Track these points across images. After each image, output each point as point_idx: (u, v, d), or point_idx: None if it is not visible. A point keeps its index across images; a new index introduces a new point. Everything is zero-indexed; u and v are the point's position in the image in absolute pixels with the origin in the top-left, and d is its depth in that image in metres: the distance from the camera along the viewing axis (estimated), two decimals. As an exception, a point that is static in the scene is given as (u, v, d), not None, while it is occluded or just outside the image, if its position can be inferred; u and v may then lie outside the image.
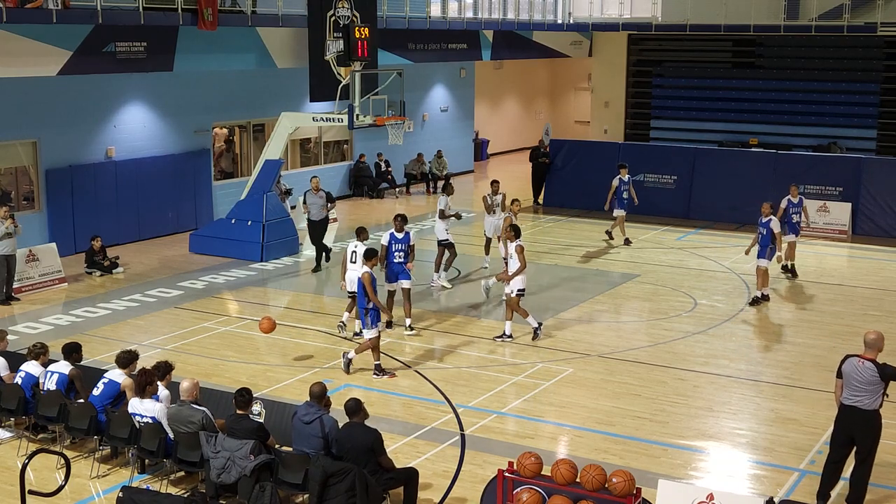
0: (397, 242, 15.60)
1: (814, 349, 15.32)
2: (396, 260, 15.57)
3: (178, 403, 10.28)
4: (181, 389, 10.28)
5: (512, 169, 34.85)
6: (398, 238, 15.61)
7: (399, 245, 15.58)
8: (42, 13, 17.47)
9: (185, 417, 10.06)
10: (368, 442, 9.48)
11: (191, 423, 10.02)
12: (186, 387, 10.25)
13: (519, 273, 14.94)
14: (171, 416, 10.20)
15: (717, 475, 10.97)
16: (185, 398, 10.19)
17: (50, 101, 20.47)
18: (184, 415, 10.08)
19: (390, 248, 15.59)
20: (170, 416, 10.23)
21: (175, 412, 10.19)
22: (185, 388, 10.25)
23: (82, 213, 21.14)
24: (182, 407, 10.16)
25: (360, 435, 9.54)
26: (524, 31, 32.19)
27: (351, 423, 9.67)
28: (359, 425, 9.64)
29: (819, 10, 30.04)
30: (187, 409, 10.10)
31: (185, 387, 10.25)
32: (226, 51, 21.80)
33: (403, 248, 15.61)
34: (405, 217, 15.92)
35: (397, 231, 15.61)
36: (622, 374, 14.04)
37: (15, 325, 16.13)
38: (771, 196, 24.63)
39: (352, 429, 9.62)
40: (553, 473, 8.50)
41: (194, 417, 10.04)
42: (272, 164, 21.20)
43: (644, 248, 22.28)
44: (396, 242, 15.59)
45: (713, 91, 33.69)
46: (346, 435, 9.61)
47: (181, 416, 10.09)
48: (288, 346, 15.25)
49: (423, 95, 31.74)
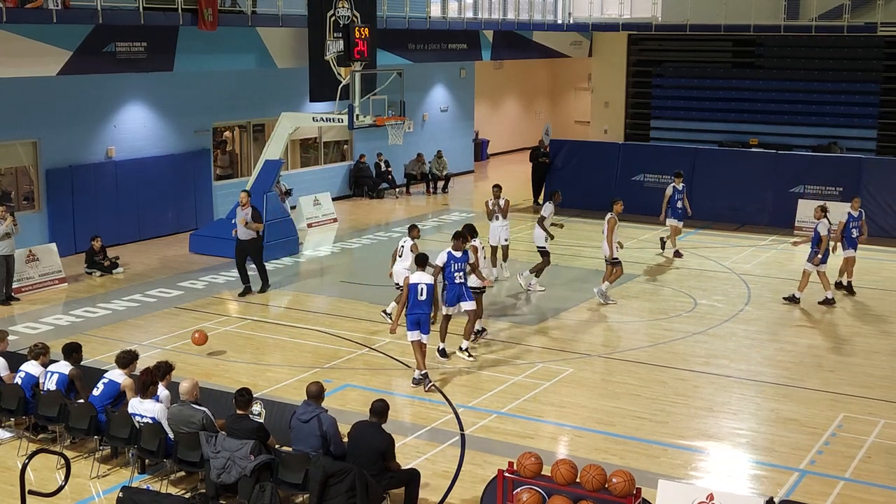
0: (456, 262, 14.22)
1: (814, 349, 15.32)
2: (457, 281, 14.21)
3: (178, 403, 10.27)
4: (181, 390, 10.28)
5: (512, 169, 34.87)
6: (457, 257, 14.24)
7: (458, 265, 14.20)
8: (42, 13, 17.47)
9: (186, 418, 10.06)
10: (381, 446, 9.50)
11: (191, 423, 10.02)
12: (186, 387, 10.25)
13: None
14: (172, 416, 10.20)
15: (717, 475, 10.97)
16: (186, 398, 10.19)
17: (50, 101, 20.47)
18: (184, 415, 10.08)
19: (448, 268, 14.18)
20: (170, 416, 10.23)
21: (176, 412, 10.18)
22: (185, 389, 10.25)
23: (82, 213, 21.13)
24: (183, 407, 10.16)
25: (373, 436, 9.55)
26: (524, 31, 32.19)
27: (368, 423, 9.69)
28: (375, 427, 9.64)
29: (819, 10, 30.04)
30: (188, 410, 10.10)
31: (185, 387, 10.25)
32: (226, 51, 21.80)
33: (463, 268, 14.26)
34: (468, 231, 14.64)
35: (455, 250, 14.23)
36: (622, 374, 14.04)
37: (15, 325, 16.12)
38: (770, 196, 24.82)
39: (367, 429, 9.64)
40: (553, 473, 8.49)
41: (195, 417, 10.04)
42: (272, 165, 21.20)
43: (644, 248, 22.27)
44: (455, 262, 14.21)
45: (713, 91, 33.68)
46: (359, 434, 9.63)
47: (182, 417, 10.09)
48: (288, 346, 15.24)
49: (423, 95, 31.74)
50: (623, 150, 27.27)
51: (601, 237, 22.97)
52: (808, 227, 23.76)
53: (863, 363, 14.61)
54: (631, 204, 26.18)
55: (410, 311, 13.33)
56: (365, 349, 15.03)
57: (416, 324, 13.28)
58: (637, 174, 26.47)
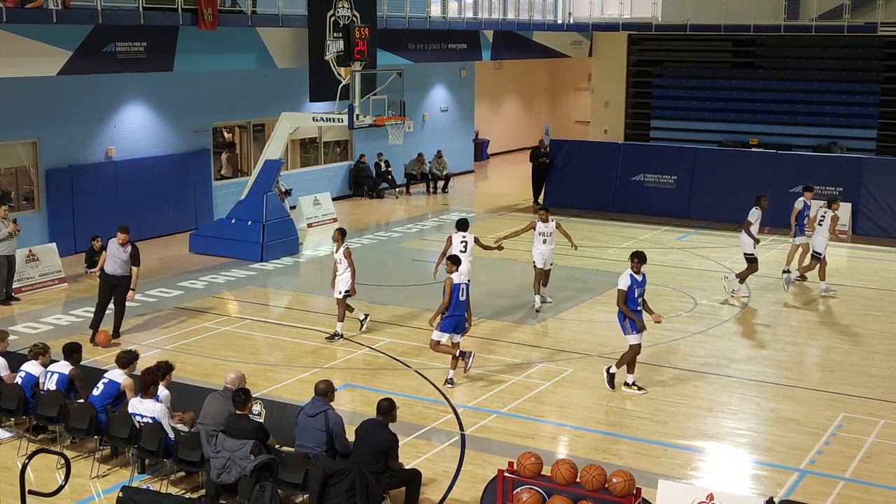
0: (639, 286, 12.98)
1: (814, 349, 15.32)
2: (640, 308, 13.09)
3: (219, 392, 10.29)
4: (228, 380, 10.33)
5: (512, 169, 34.88)
6: (639, 281, 12.99)
7: (640, 289, 12.99)
8: (42, 13, 17.46)
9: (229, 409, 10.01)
10: (384, 445, 9.51)
11: (247, 430, 9.81)
12: (234, 378, 10.33)
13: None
14: (209, 403, 10.20)
15: (717, 475, 10.97)
16: (231, 387, 10.23)
17: (50, 101, 20.46)
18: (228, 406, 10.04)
19: (631, 293, 12.88)
20: (208, 404, 10.22)
21: (214, 400, 10.19)
22: (232, 380, 10.32)
23: (82, 213, 21.12)
24: (224, 395, 10.15)
25: (378, 435, 9.57)
26: (524, 31, 32.18)
27: (375, 421, 9.71)
28: (380, 425, 9.66)
29: (819, 10, 30.05)
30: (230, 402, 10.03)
31: (233, 378, 10.33)
32: (226, 51, 21.79)
33: (643, 293, 13.11)
34: (643, 255, 13.08)
35: (636, 272, 12.94)
36: (622, 374, 14.01)
37: (15, 325, 16.12)
38: (770, 196, 24.74)
39: (373, 427, 9.67)
40: (553, 473, 8.49)
41: (249, 426, 9.84)
42: (272, 164, 21.20)
43: (644, 248, 22.20)
44: (638, 287, 12.96)
45: (713, 91, 33.68)
46: (364, 431, 9.67)
47: (222, 407, 10.07)
48: (288, 346, 15.24)
49: (423, 95, 31.73)
50: (623, 150, 27.26)
51: (601, 237, 23.11)
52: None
53: (863, 363, 14.61)
54: (631, 204, 26.35)
55: (452, 313, 13.20)
56: (365, 349, 15.03)
57: (455, 326, 13.26)
58: (637, 174, 26.47)
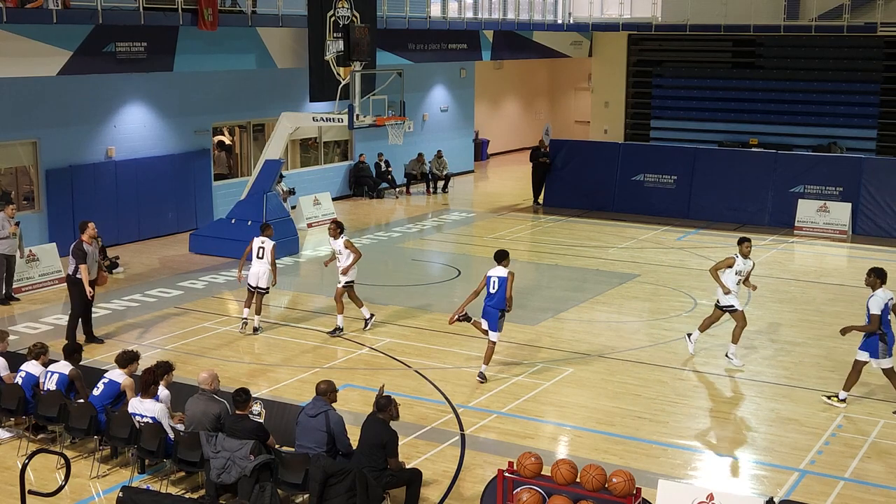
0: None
1: (814, 349, 15.32)
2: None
3: (197, 394, 10.35)
4: (200, 380, 10.40)
5: (512, 169, 34.89)
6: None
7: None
8: (42, 13, 17.47)
9: (204, 409, 10.08)
10: (382, 440, 9.55)
11: (208, 414, 10.05)
12: (206, 377, 10.37)
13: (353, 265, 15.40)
14: (190, 407, 10.24)
15: (717, 475, 10.97)
16: (205, 388, 10.30)
17: (50, 101, 20.47)
18: (203, 407, 10.11)
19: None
20: (188, 407, 10.27)
21: (193, 403, 10.22)
22: (203, 379, 10.36)
23: (82, 213, 21.03)
24: (201, 397, 10.22)
25: (377, 431, 9.61)
26: (524, 32, 32.18)
27: (375, 418, 9.75)
28: (381, 422, 9.70)
29: (819, 10, 30.05)
30: (208, 401, 10.14)
31: (205, 377, 10.37)
32: (226, 51, 21.80)
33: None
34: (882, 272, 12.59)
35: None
36: (622, 374, 14.03)
37: (15, 325, 16.13)
38: (770, 196, 24.81)
39: (373, 423, 9.71)
40: (553, 473, 8.50)
41: (214, 409, 10.08)
42: (272, 164, 21.20)
43: (644, 248, 22.27)
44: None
45: (713, 91, 33.69)
46: (363, 427, 9.73)
47: (199, 407, 10.12)
48: (288, 346, 15.24)
49: (423, 95, 31.73)
50: (623, 150, 27.26)
51: (601, 237, 23.09)
52: (808, 227, 23.90)
53: (863, 363, 14.58)
54: (631, 204, 26.36)
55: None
56: (365, 349, 15.03)
57: (484, 316, 13.48)
58: (637, 174, 26.47)
